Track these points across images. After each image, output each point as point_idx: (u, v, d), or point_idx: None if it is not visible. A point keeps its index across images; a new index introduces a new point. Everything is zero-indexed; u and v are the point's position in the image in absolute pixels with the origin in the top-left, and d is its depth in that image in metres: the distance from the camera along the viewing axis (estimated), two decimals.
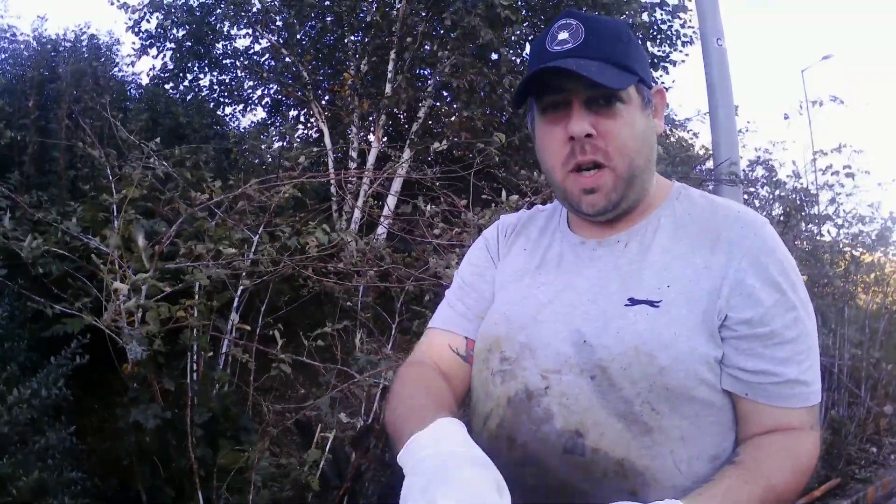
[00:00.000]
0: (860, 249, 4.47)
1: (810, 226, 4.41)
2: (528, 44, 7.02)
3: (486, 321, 0.93)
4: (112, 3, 7.10)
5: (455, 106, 6.75)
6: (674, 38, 7.17)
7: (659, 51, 7.21)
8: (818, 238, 4.48)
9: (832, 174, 4.30)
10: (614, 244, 0.86)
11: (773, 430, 0.78)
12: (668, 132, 8.56)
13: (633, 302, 0.80)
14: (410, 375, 0.93)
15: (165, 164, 2.73)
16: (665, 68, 7.25)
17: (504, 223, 1.03)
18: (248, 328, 2.69)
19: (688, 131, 8.40)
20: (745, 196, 4.48)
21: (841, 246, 4.48)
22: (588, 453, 0.77)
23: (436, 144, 3.31)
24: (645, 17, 6.84)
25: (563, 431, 0.79)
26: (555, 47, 0.81)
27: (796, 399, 0.78)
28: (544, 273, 0.90)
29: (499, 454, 0.78)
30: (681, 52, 7.25)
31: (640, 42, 0.89)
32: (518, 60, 6.60)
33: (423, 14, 5.90)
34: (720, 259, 0.80)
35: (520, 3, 6.06)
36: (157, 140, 2.84)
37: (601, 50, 0.80)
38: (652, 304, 0.79)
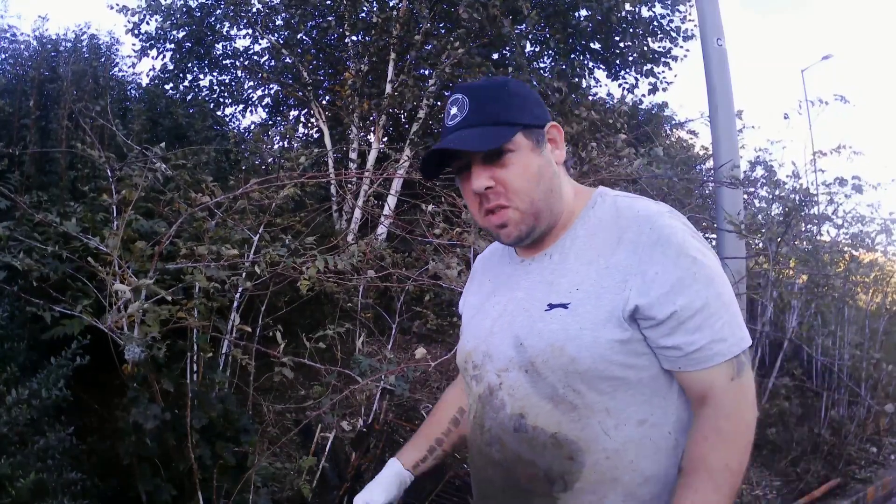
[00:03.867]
0: (860, 249, 4.47)
1: (810, 226, 4.41)
2: (528, 42, 7.02)
3: (461, 340, 1.17)
4: (111, 8, 7.11)
5: None
6: (674, 33, 7.14)
7: (659, 46, 7.19)
8: (818, 238, 4.48)
9: (839, 183, 4.29)
10: (543, 258, 1.05)
11: (704, 393, 0.92)
12: (667, 132, 8.55)
13: (550, 307, 0.98)
14: (441, 399, 1.33)
15: (165, 166, 2.73)
16: (667, 64, 7.22)
17: (479, 258, 1.27)
18: (249, 329, 2.69)
19: (687, 132, 8.39)
20: (745, 196, 4.49)
21: (841, 246, 4.48)
22: (530, 430, 0.97)
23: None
24: (644, 11, 6.82)
25: (512, 415, 0.99)
26: (449, 122, 1.02)
27: (717, 356, 0.91)
28: (497, 292, 1.12)
29: (475, 438, 1.06)
30: (681, 47, 7.22)
31: (526, 92, 1.06)
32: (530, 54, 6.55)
33: (427, 13, 5.89)
34: (621, 258, 0.94)
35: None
36: (163, 144, 2.84)
37: (483, 115, 0.98)
38: (564, 306, 0.96)
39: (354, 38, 6.66)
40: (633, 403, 0.94)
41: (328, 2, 6.56)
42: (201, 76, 7.90)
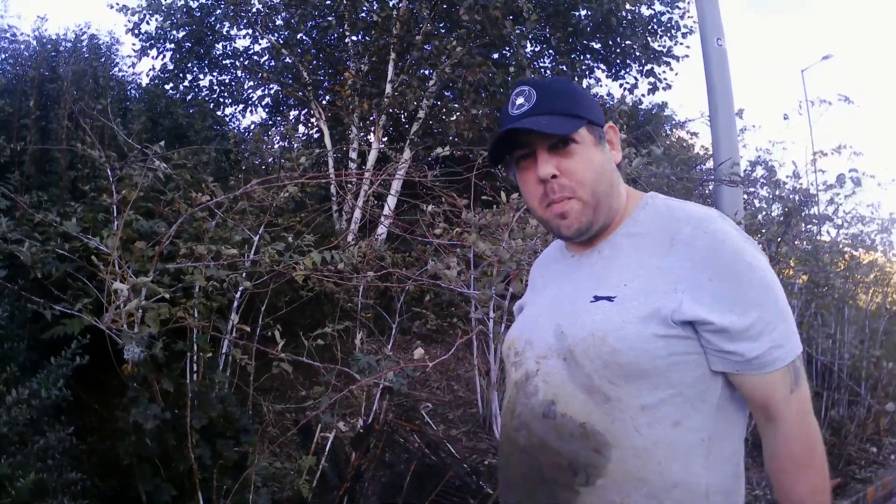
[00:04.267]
0: (860, 249, 4.47)
1: (810, 226, 4.41)
2: (528, 42, 7.01)
3: (509, 330, 1.17)
4: (111, 7, 7.11)
5: (456, 105, 6.74)
6: (673, 29, 7.14)
7: (659, 45, 7.19)
8: (818, 238, 4.48)
9: (837, 181, 4.29)
10: (592, 253, 1.06)
11: (766, 402, 0.93)
12: (667, 132, 8.56)
13: (596, 299, 0.98)
14: None
15: (166, 165, 2.73)
16: (667, 63, 7.22)
17: (534, 265, 1.29)
18: (248, 329, 2.69)
19: (687, 132, 8.39)
20: (746, 196, 4.48)
21: (841, 246, 4.48)
22: (558, 417, 0.96)
23: (439, 149, 3.31)
24: (644, 10, 6.82)
25: (543, 401, 0.99)
26: (514, 111, 1.02)
27: (776, 362, 0.91)
28: (548, 286, 1.14)
29: (505, 423, 1.07)
30: (682, 44, 7.22)
31: (588, 93, 1.10)
32: (529, 56, 6.56)
33: (427, 13, 5.89)
34: (673, 260, 0.94)
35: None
36: (162, 143, 2.84)
37: (551, 105, 1.00)
38: (609, 299, 0.96)
39: (354, 37, 6.66)
40: (669, 403, 0.92)
41: (328, 2, 6.56)
42: (201, 76, 7.90)
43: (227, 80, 7.98)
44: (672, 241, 0.96)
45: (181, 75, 7.71)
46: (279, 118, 8.22)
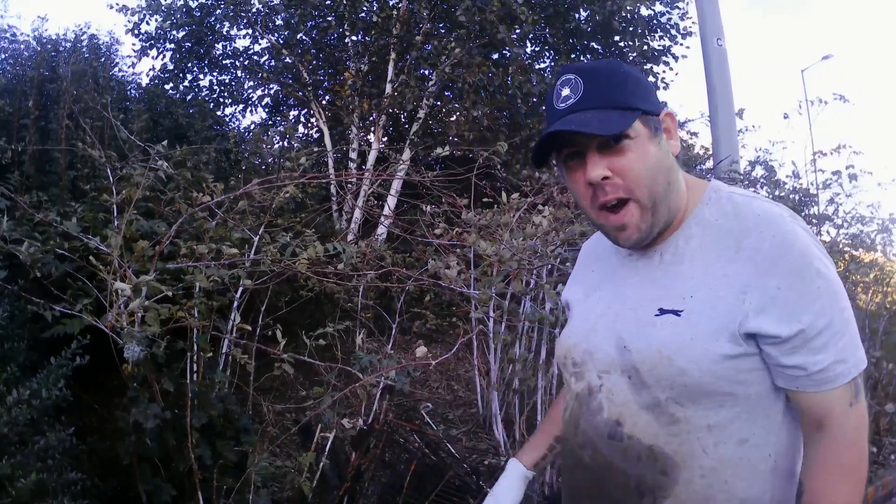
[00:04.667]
0: (860, 249, 4.47)
1: (810, 226, 4.41)
2: (528, 43, 7.02)
3: (562, 334, 1.11)
4: (111, 7, 7.11)
5: (457, 105, 6.74)
6: (673, 30, 7.14)
7: (659, 45, 7.18)
8: (818, 238, 4.48)
9: (833, 175, 4.29)
10: (653, 255, 0.98)
11: (822, 417, 0.87)
12: None
13: (661, 312, 0.92)
14: (558, 396, 1.26)
15: (166, 163, 2.73)
16: (667, 63, 7.21)
17: (585, 246, 1.22)
18: (249, 328, 2.69)
19: (687, 132, 8.39)
20: None
21: (841, 246, 4.48)
22: (625, 439, 0.93)
23: (438, 150, 3.31)
24: (644, 10, 6.81)
25: (608, 421, 0.95)
26: (559, 105, 0.92)
27: (839, 378, 0.86)
28: (602, 286, 1.06)
29: (569, 437, 1.03)
30: (681, 44, 7.22)
31: (641, 77, 0.95)
32: (526, 57, 6.57)
33: (427, 13, 5.89)
34: (740, 266, 0.87)
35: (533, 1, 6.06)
36: (165, 143, 2.85)
37: (600, 97, 0.90)
38: (676, 313, 0.90)
39: (354, 38, 6.66)
40: (736, 421, 0.89)
41: (328, 2, 6.57)
42: (201, 76, 7.90)
43: (227, 80, 7.99)
44: (738, 246, 0.89)
45: (181, 75, 7.71)
46: (279, 118, 8.22)
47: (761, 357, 0.88)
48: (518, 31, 5.92)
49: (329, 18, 6.59)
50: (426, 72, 6.42)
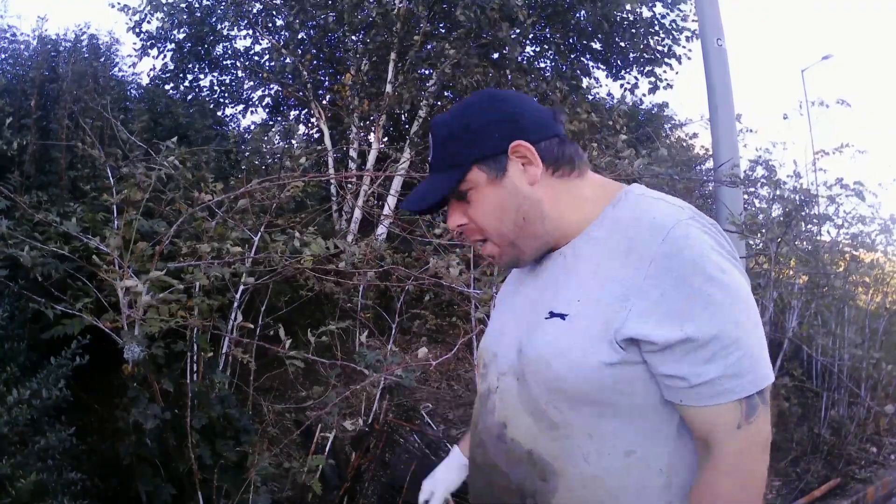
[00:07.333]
0: (860, 249, 4.47)
1: (810, 226, 4.41)
2: (528, 43, 7.01)
3: (483, 337, 1.12)
4: (113, 6, 7.11)
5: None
6: (675, 32, 7.13)
7: (660, 46, 7.18)
8: (818, 238, 4.48)
9: (839, 183, 4.28)
10: (557, 257, 0.96)
11: (706, 435, 0.83)
12: (667, 132, 8.55)
13: (550, 315, 0.90)
14: None
15: (167, 163, 2.73)
16: (668, 64, 7.21)
17: None
18: (251, 326, 2.69)
19: (686, 134, 8.39)
20: (746, 196, 4.48)
21: (841, 246, 4.47)
22: (508, 441, 0.94)
23: None
24: (645, 11, 6.81)
25: (497, 422, 0.96)
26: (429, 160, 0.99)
27: (728, 394, 0.80)
28: (518, 289, 1.05)
29: (471, 435, 1.06)
30: (682, 46, 7.21)
31: (484, 112, 0.94)
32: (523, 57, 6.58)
33: (426, 13, 5.89)
34: (629, 271, 0.83)
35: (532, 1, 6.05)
36: (175, 139, 2.86)
37: (439, 159, 0.95)
38: (562, 316, 0.88)
39: (354, 37, 6.66)
40: (620, 432, 0.85)
41: (328, 1, 6.57)
42: (202, 76, 7.90)
43: (227, 81, 7.99)
44: (629, 250, 0.85)
45: (182, 75, 7.71)
46: (279, 118, 8.22)
47: (647, 367, 0.83)
48: (517, 31, 5.92)
49: (330, 18, 6.59)
50: (426, 72, 6.42)
